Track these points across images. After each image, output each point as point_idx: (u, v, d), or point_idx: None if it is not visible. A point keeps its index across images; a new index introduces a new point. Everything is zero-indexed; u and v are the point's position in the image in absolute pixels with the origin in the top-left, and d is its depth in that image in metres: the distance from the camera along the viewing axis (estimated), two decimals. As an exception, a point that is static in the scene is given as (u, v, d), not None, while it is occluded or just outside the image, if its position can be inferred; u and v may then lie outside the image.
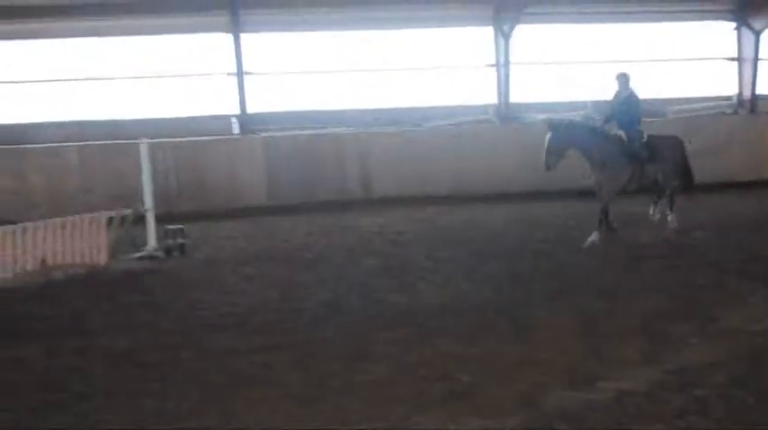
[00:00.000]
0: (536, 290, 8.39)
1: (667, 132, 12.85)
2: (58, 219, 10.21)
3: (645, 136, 11.52)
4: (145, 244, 11.53)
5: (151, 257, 11.29)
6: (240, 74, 17.62)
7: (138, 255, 11.32)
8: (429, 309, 7.71)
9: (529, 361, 5.91)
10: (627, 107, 11.49)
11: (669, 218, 11.87)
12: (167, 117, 17.62)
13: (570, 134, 11.04)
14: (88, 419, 5.17)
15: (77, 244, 10.34)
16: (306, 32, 18.19)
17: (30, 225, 9.88)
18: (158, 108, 17.78)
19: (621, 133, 11.37)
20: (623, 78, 11.67)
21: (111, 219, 10.88)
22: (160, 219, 11.70)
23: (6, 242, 9.51)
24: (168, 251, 11.47)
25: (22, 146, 16.71)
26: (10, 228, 9.68)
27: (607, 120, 11.75)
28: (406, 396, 5.32)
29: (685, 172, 12.15)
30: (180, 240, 11.61)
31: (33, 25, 17.07)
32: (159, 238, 11.58)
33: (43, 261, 9.91)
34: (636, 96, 11.63)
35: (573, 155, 11.15)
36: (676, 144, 12.13)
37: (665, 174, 11.72)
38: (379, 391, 5.42)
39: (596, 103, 18.22)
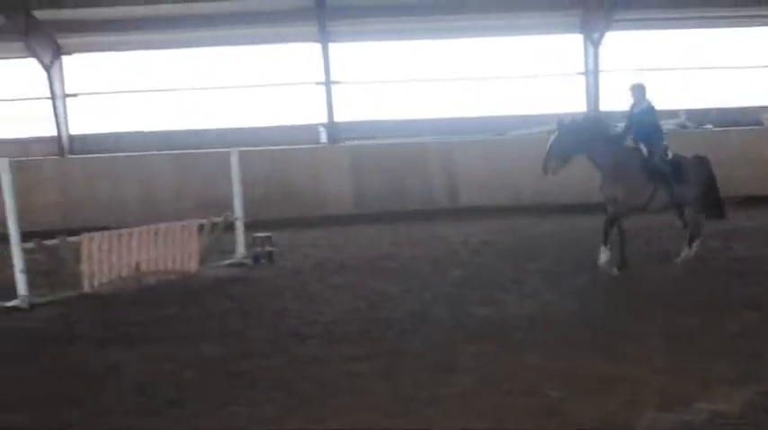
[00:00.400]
0: (623, 303, 8.22)
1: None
2: (152, 226, 10.47)
3: (669, 153, 10.25)
4: (234, 251, 11.76)
5: (240, 265, 11.50)
6: (328, 83, 17.82)
7: (227, 262, 11.54)
8: (515, 321, 7.63)
9: (618, 377, 5.79)
10: (645, 120, 10.30)
11: (684, 252, 10.38)
12: (257, 126, 17.97)
13: (581, 139, 9.87)
14: (180, 425, 5.30)
15: (170, 250, 10.59)
16: (393, 41, 18.26)
17: (124, 231, 10.16)
18: (249, 117, 18.16)
19: (642, 146, 10.21)
20: (639, 89, 10.55)
21: (201, 227, 11.12)
22: (248, 227, 11.91)
23: (103, 248, 9.82)
24: (256, 259, 11.66)
25: (118, 154, 17.28)
26: (106, 233, 9.99)
27: (625, 134, 10.50)
28: (491, 409, 5.29)
29: (712, 196, 10.63)
30: (268, 248, 11.78)
31: (126, 37, 17.65)
32: (248, 246, 11.79)
33: (137, 267, 10.19)
34: (653, 108, 10.44)
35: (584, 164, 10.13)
36: (702, 163, 10.64)
37: (690, 199, 10.34)
38: (465, 404, 5.40)
39: (690, 112, 17.83)
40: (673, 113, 17.77)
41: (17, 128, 18.36)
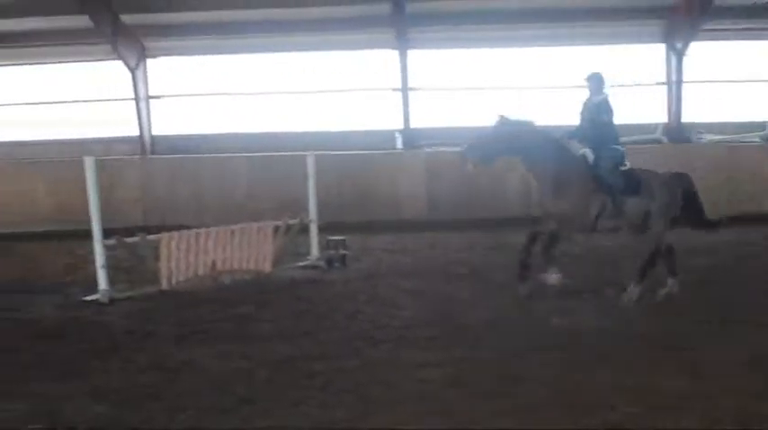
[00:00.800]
0: (703, 319, 7.94)
1: None
2: (228, 227, 10.64)
3: (626, 162, 8.92)
4: (308, 253, 11.86)
5: (313, 267, 11.59)
6: (405, 89, 17.84)
7: (300, 264, 11.65)
8: (590, 333, 7.49)
9: (694, 395, 5.64)
10: (597, 118, 8.92)
11: (630, 287, 8.87)
12: (334, 131, 18.10)
13: (512, 139, 8.66)
14: (251, 423, 5.36)
15: (245, 251, 10.73)
16: (471, 49, 18.17)
17: (202, 231, 10.34)
18: (326, 122, 18.31)
19: (587, 152, 8.83)
20: (595, 80, 9.06)
21: (277, 228, 11.25)
22: (323, 230, 12.00)
23: (181, 246, 10.01)
24: (330, 261, 11.73)
25: (198, 155, 17.61)
26: (185, 233, 10.18)
27: (572, 136, 9.10)
28: (559, 422, 5.20)
29: (690, 209, 9.26)
30: (341, 251, 11.84)
31: (208, 41, 17.97)
32: (321, 249, 11.88)
33: (213, 266, 10.36)
34: (608, 104, 8.97)
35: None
36: (674, 179, 9.26)
37: (654, 214, 8.93)
38: (534, 416, 5.34)
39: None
40: (760, 125, 17.29)
41: (102, 128, 18.87)
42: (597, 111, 8.93)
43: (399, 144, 17.86)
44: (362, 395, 5.83)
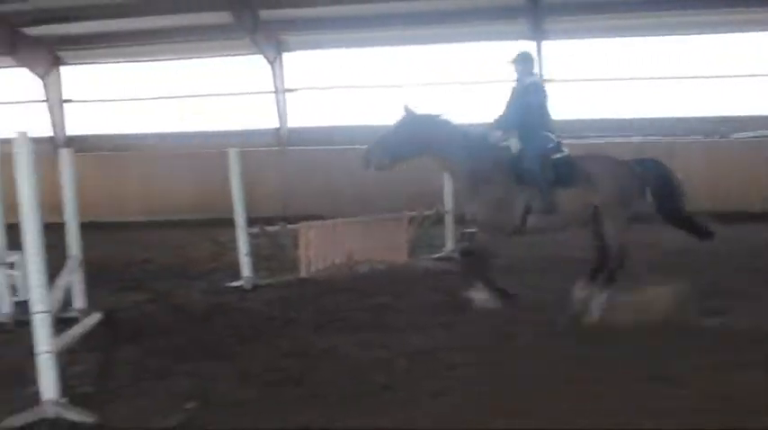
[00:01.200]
0: None
1: None
2: (364, 217, 10.80)
3: (562, 149, 7.99)
4: (443, 245, 11.85)
5: (448, 258, 11.58)
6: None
7: (435, 255, 11.65)
8: (745, 335, 7.03)
9: None
10: (526, 102, 7.93)
11: (593, 299, 7.93)
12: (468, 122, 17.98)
13: (423, 134, 7.88)
14: (391, 410, 5.40)
15: (381, 241, 10.86)
16: (610, 38, 17.64)
17: (339, 221, 10.56)
18: (460, 113, 18.16)
19: (512, 143, 7.87)
20: (523, 61, 8.04)
21: (412, 219, 11.31)
22: (458, 222, 11.95)
23: (319, 236, 10.22)
24: (464, 254, 11.67)
25: (329, 147, 17.91)
26: (323, 222, 10.40)
27: (495, 126, 8.14)
28: (716, 426, 4.96)
29: (665, 200, 8.39)
30: (476, 243, 11.78)
31: (341, 35, 18.20)
32: (456, 241, 11.84)
33: (350, 255, 10.52)
34: (539, 86, 8.13)
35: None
36: (634, 166, 8.28)
37: (603, 209, 7.99)
38: (687, 419, 5.10)
39: None
40: None
41: (241, 120, 19.47)
42: (525, 94, 7.96)
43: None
44: (502, 388, 5.78)
